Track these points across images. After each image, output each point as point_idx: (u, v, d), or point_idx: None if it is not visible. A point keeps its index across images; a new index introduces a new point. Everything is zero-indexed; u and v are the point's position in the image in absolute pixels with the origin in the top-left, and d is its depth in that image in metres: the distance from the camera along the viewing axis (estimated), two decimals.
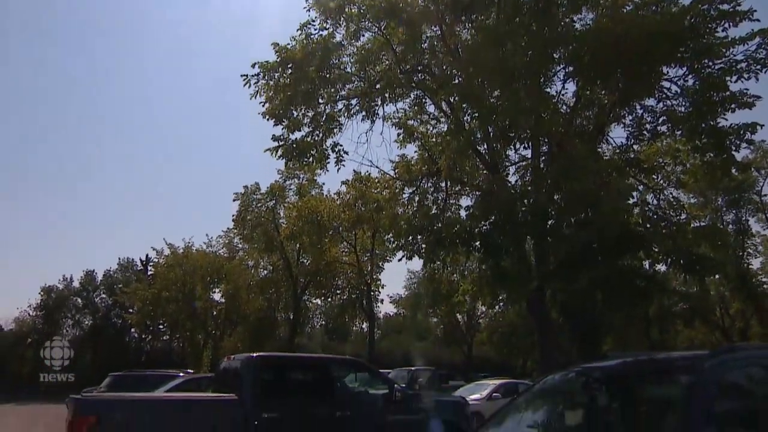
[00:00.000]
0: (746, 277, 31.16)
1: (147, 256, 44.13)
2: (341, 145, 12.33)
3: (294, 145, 12.03)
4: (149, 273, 41.56)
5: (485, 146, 11.36)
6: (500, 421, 4.06)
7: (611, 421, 3.73)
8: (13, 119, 63.74)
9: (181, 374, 16.67)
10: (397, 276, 75.69)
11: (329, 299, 38.13)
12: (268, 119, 11.89)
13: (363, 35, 12.55)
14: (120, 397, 8.30)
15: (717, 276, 29.45)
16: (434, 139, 13.54)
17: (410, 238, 9.84)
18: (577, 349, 30.48)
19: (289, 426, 7.14)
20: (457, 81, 10.44)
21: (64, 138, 69.31)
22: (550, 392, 4.26)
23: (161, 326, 41.28)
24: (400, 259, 10.56)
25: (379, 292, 36.14)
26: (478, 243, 8.65)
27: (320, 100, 12.30)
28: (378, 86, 12.16)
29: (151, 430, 6.40)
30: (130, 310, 38.26)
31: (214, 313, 38.34)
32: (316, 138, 11.91)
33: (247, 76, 11.93)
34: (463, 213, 10.64)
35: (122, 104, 71.91)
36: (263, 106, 11.99)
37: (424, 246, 8.68)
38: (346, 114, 12.51)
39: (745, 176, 26.79)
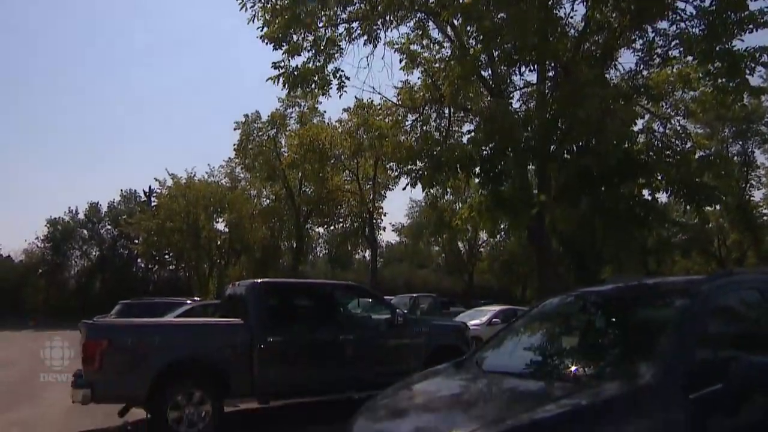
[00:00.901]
0: (746, 209, 31.25)
1: (150, 187, 44.28)
2: (343, 71, 11.97)
3: (295, 72, 11.68)
4: (153, 204, 41.80)
5: (489, 71, 11.02)
6: (498, 344, 4.16)
7: (608, 344, 3.82)
8: (10, 55, 62.34)
9: (189, 302, 17.10)
10: (399, 205, 76.25)
11: (332, 227, 38.52)
12: (267, 43, 11.49)
13: None
14: (130, 322, 8.54)
15: (717, 207, 29.54)
16: (437, 65, 13.13)
17: (411, 164, 9.72)
18: (575, 278, 31.04)
19: (293, 349, 7.36)
20: (460, 1, 9.98)
21: (64, 71, 68.02)
22: (548, 315, 4.34)
23: (167, 256, 41.98)
24: (404, 188, 10.56)
25: (381, 220, 36.53)
26: (478, 168, 8.53)
27: (320, 24, 11.83)
28: (379, 8, 11.64)
29: (159, 353, 6.61)
30: (136, 241, 38.83)
31: (219, 242, 38.88)
32: (318, 63, 11.54)
33: None
34: (465, 139, 10.49)
35: (122, 35, 70.08)
36: (261, 30, 11.56)
37: (425, 172, 8.56)
38: (347, 38, 12.05)
39: (754, 106, 26.27)
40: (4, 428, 7.44)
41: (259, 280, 7.90)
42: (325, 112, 32.68)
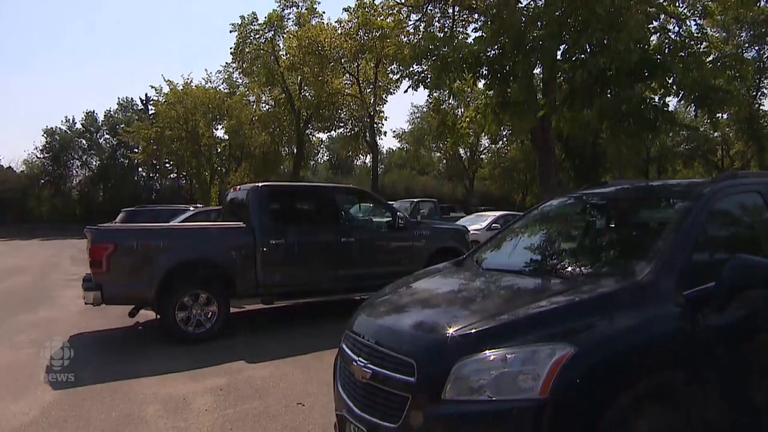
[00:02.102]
0: (754, 117, 30.51)
1: (146, 95, 43.38)
2: None
3: None
4: (150, 112, 41.09)
5: None
6: (498, 244, 4.17)
7: (606, 244, 3.83)
8: None
9: (191, 208, 17.27)
10: (400, 111, 74.88)
11: (332, 132, 38.16)
12: None
13: None
14: (135, 226, 8.65)
15: (725, 115, 28.86)
16: None
17: (415, 65, 9.34)
18: (576, 186, 31.07)
19: (295, 251, 7.48)
20: None
21: None
22: (547, 216, 4.32)
23: (167, 164, 41.90)
24: (406, 90, 10.25)
25: (382, 125, 36.13)
26: (485, 69, 8.19)
27: None
28: None
29: (164, 256, 6.73)
30: (135, 150, 38.55)
31: (219, 149, 38.63)
32: None
33: None
34: (470, 39, 10.00)
35: None
36: None
37: (429, 74, 8.21)
38: None
39: None
40: (25, 328, 7.76)
41: (260, 184, 7.86)
42: (324, 12, 31.35)
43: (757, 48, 30.69)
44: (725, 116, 29.79)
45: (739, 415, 2.91)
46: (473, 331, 2.50)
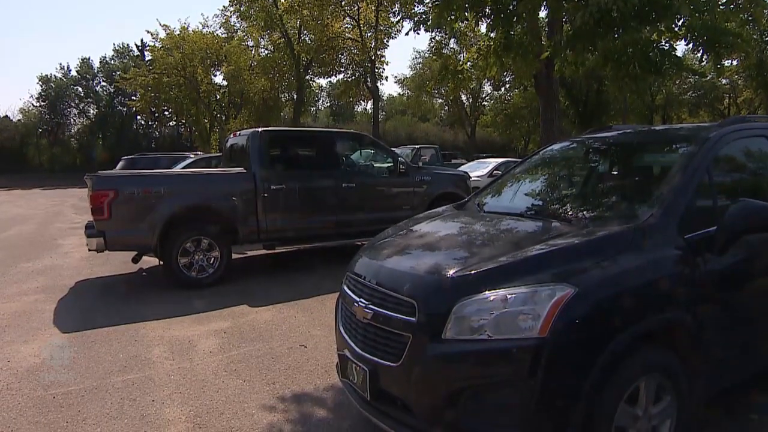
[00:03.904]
0: (765, 64, 29.70)
1: (142, 40, 42.34)
2: None
3: None
4: (147, 58, 40.19)
5: None
6: (499, 188, 4.15)
7: (609, 188, 3.79)
8: None
9: (192, 156, 17.24)
10: (401, 57, 73.06)
11: (332, 77, 37.50)
12: None
13: None
14: (135, 172, 8.63)
15: (735, 62, 28.04)
16: None
17: (417, 5, 9.02)
18: (579, 132, 30.68)
19: (296, 196, 7.48)
20: None
21: None
22: (548, 161, 4.27)
23: (166, 112, 41.34)
24: (407, 33, 9.89)
25: (384, 69, 35.47)
26: (488, 9, 7.92)
27: None
28: None
29: (165, 202, 6.73)
30: (133, 98, 37.92)
31: (218, 96, 38.02)
32: None
33: None
34: None
35: None
36: None
37: (431, 13, 7.91)
38: None
39: None
40: (31, 275, 7.86)
41: (259, 129, 7.78)
42: None
43: None
44: (734, 63, 29.06)
45: (736, 358, 2.96)
46: (473, 271, 2.50)
